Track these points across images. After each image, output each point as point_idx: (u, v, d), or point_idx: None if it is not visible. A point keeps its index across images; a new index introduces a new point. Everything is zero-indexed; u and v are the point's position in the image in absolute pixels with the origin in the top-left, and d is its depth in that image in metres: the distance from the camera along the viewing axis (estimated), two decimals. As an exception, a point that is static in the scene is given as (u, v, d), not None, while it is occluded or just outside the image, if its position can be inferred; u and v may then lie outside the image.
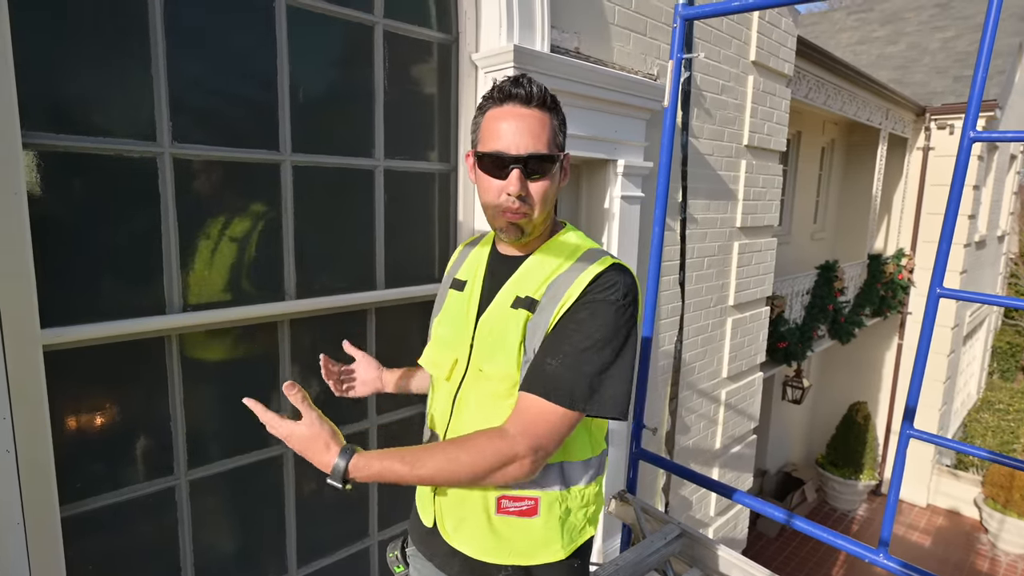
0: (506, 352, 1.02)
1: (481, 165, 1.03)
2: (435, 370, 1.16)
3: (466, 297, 1.14)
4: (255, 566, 1.86)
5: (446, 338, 1.14)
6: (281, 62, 1.68)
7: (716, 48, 3.11)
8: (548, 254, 1.09)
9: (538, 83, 1.02)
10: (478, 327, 1.09)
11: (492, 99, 1.03)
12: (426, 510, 1.17)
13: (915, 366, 1.58)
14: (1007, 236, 12.35)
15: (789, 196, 7.50)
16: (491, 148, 1.00)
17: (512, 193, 0.99)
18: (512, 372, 1.02)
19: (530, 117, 1.00)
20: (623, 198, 2.57)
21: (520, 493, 1.04)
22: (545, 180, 1.02)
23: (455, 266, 1.25)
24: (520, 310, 1.04)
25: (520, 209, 1.01)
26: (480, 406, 1.06)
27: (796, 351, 5.62)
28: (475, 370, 1.07)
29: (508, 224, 1.03)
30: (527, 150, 0.99)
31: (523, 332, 1.02)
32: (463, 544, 1.09)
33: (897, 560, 1.62)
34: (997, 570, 7.43)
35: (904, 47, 9.32)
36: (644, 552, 1.86)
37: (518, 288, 1.07)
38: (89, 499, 1.50)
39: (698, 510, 3.75)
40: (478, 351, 1.07)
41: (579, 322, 0.98)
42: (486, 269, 1.15)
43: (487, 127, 1.03)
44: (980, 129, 1.43)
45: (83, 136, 1.38)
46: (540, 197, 1.02)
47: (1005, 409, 10.02)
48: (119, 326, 1.46)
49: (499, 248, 1.16)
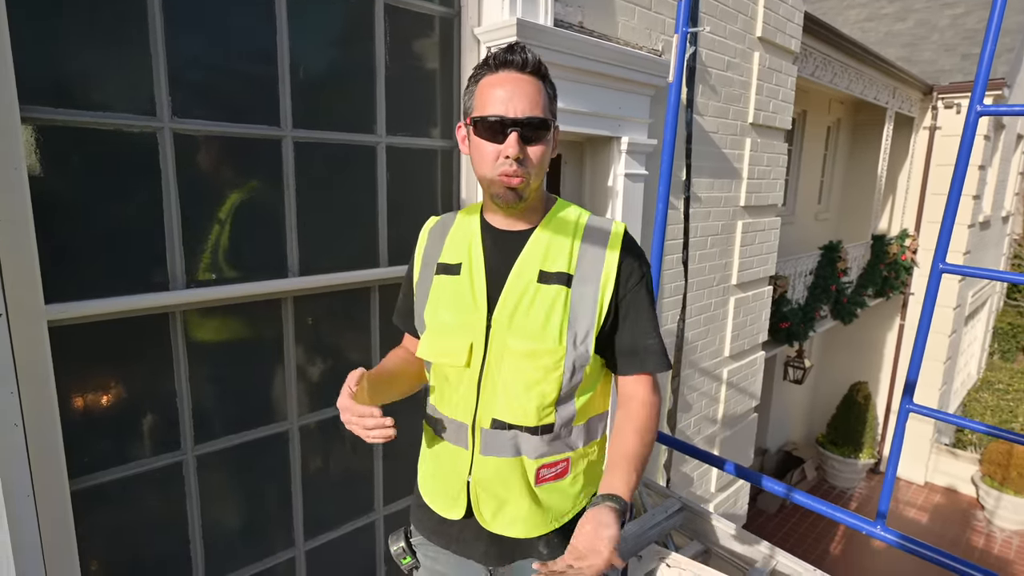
0: (550, 327, 1.03)
1: (476, 131, 1.02)
2: (447, 359, 1.09)
3: (466, 279, 1.10)
4: (262, 540, 1.89)
5: (452, 324, 1.09)
6: (281, 36, 1.66)
7: (722, 23, 3.06)
8: (556, 226, 1.09)
9: (532, 51, 1.02)
10: (499, 306, 1.06)
11: (487, 67, 1.03)
12: (448, 504, 1.13)
13: (916, 341, 1.58)
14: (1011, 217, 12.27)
15: (794, 175, 7.44)
16: (488, 112, 1.00)
17: (511, 155, 0.99)
18: (557, 346, 1.02)
19: (526, 82, 1.00)
20: (627, 176, 2.55)
21: (555, 458, 1.08)
22: (541, 145, 1.02)
23: (431, 251, 1.19)
24: (554, 285, 1.04)
25: (517, 172, 1.00)
26: (520, 384, 1.04)
27: (798, 331, 5.63)
28: (502, 350, 1.04)
29: (506, 189, 1.02)
30: (524, 113, 0.99)
31: (566, 306, 1.04)
32: (507, 527, 1.08)
33: (894, 532, 1.63)
34: (992, 546, 7.53)
35: (913, 24, 9.17)
36: (646, 525, 1.89)
37: (540, 263, 1.06)
38: (98, 473, 1.52)
39: (699, 486, 3.79)
40: (505, 330, 1.04)
41: (645, 299, 1.09)
42: (484, 247, 1.12)
43: (482, 94, 1.02)
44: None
45: (82, 111, 1.37)
46: (538, 161, 1.02)
47: (1005, 389, 10.07)
48: (123, 302, 1.47)
49: (493, 223, 1.13)
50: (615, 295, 1.06)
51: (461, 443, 1.11)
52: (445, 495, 1.14)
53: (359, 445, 2.07)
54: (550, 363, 1.03)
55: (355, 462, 2.09)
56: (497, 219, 1.12)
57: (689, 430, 3.55)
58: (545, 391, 1.04)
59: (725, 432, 3.93)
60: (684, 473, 3.61)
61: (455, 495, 1.12)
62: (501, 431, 1.06)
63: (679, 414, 3.39)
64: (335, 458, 2.03)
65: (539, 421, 1.05)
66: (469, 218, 1.17)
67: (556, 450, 1.08)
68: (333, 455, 2.02)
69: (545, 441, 1.06)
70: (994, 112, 1.42)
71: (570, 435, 1.09)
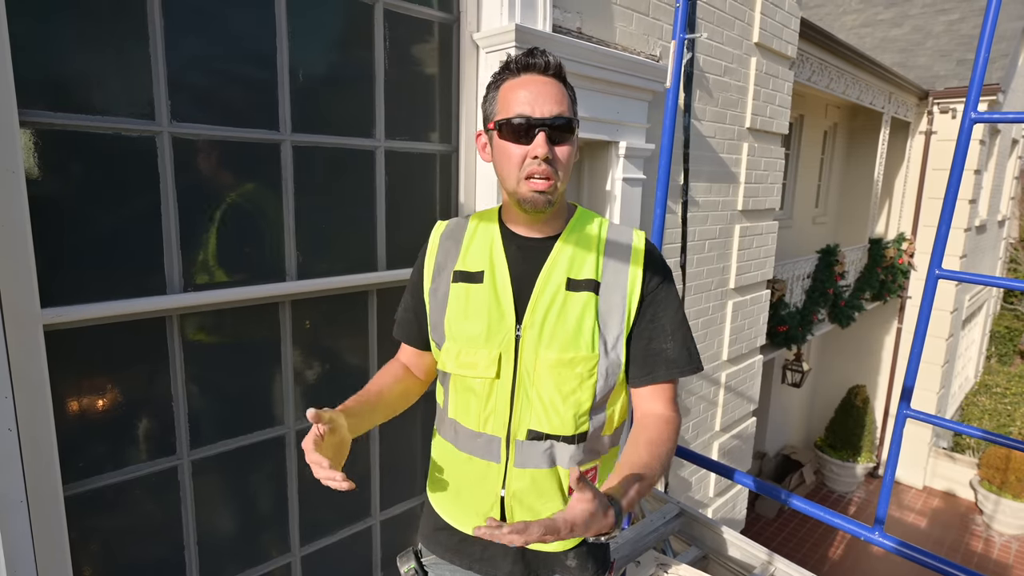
0: (583, 334, 1.02)
1: (501, 134, 1.00)
2: (475, 371, 1.05)
3: (490, 287, 1.06)
4: (258, 545, 1.88)
5: (478, 335, 1.05)
6: (281, 41, 1.66)
7: (719, 29, 3.07)
8: (579, 234, 1.09)
9: (552, 54, 1.01)
10: (527, 315, 1.03)
11: (508, 71, 1.02)
12: (478, 520, 1.09)
13: (913, 346, 1.58)
14: (1007, 221, 12.33)
15: (791, 180, 7.47)
16: (514, 114, 0.98)
17: (540, 155, 0.97)
18: (591, 354, 1.02)
19: (550, 84, 1.00)
20: (625, 180, 2.56)
21: (587, 466, 1.08)
22: (568, 146, 1.01)
23: (444, 257, 1.14)
24: (583, 292, 1.04)
25: (546, 173, 0.98)
26: (557, 394, 1.02)
27: (796, 335, 5.64)
28: (534, 360, 1.02)
29: (535, 194, 0.99)
30: (551, 114, 0.98)
31: (596, 313, 1.03)
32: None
33: (892, 538, 1.63)
34: (991, 550, 7.53)
35: (908, 30, 9.22)
36: (643, 530, 1.88)
37: (568, 270, 1.05)
38: (92, 478, 1.51)
39: (697, 491, 3.78)
40: (536, 340, 1.02)
41: (664, 300, 1.08)
42: (507, 254, 1.08)
43: (505, 97, 1.01)
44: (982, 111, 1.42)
45: (80, 114, 1.37)
46: (565, 162, 1.01)
47: (1002, 393, 10.09)
48: (119, 306, 1.46)
49: (516, 230, 1.10)
50: (641, 301, 1.06)
51: (492, 457, 1.07)
52: (475, 512, 1.10)
53: (357, 451, 2.06)
54: (584, 371, 1.02)
55: (352, 468, 2.08)
56: (520, 226, 1.09)
57: (687, 434, 3.55)
58: (581, 399, 1.03)
59: (723, 436, 3.92)
60: (682, 478, 3.61)
61: (487, 511, 1.08)
62: (537, 442, 1.04)
63: (677, 418, 3.38)
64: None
65: (576, 430, 1.04)
66: (488, 225, 1.13)
67: (588, 458, 1.08)
68: (330, 460, 2.01)
69: (580, 449, 1.06)
70: (988, 119, 1.42)
71: (599, 442, 1.09)
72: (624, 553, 1.82)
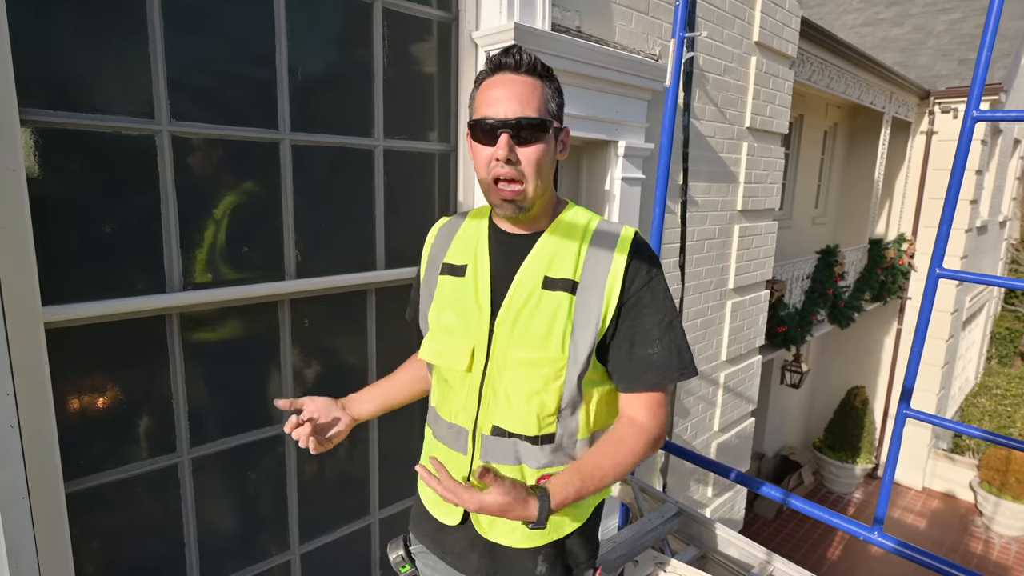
0: (553, 336, 0.99)
1: (473, 135, 1.01)
2: (447, 362, 1.07)
3: (471, 281, 1.08)
4: (257, 543, 1.88)
5: (454, 327, 1.07)
6: (280, 40, 1.66)
7: (719, 28, 3.07)
8: (564, 231, 1.07)
9: (529, 52, 1.00)
10: (502, 311, 1.03)
11: (485, 71, 1.02)
12: (447, 508, 1.12)
13: (913, 346, 1.59)
14: (1009, 222, 12.31)
15: (791, 180, 7.47)
16: (482, 115, 0.99)
17: (500, 158, 0.96)
18: (559, 355, 0.99)
19: (519, 83, 0.98)
20: (624, 180, 2.56)
21: (557, 469, 1.03)
22: (536, 146, 0.98)
23: (437, 250, 1.17)
24: (559, 292, 1.01)
25: (509, 175, 0.98)
26: (521, 393, 1.01)
27: (795, 335, 5.64)
28: (504, 357, 1.02)
29: (503, 200, 1.00)
30: (515, 115, 0.96)
31: (569, 314, 1.00)
32: (504, 535, 1.06)
33: (892, 538, 1.63)
34: (991, 552, 7.53)
35: (909, 29, 9.22)
36: (642, 530, 1.89)
37: (545, 269, 1.03)
38: (93, 475, 1.52)
39: (696, 491, 3.79)
40: (508, 337, 1.02)
41: (650, 304, 1.02)
42: (490, 250, 1.10)
43: (479, 98, 1.01)
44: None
45: (81, 113, 1.37)
46: (532, 164, 0.98)
47: (1002, 394, 10.09)
48: (120, 304, 1.46)
49: (501, 226, 1.11)
50: (620, 303, 1.01)
51: (460, 448, 1.09)
52: (439, 500, 1.13)
53: (355, 448, 2.06)
54: (550, 373, 1.00)
55: (351, 466, 2.08)
56: (505, 223, 1.10)
57: (686, 435, 3.55)
58: (545, 401, 1.01)
59: (722, 437, 3.93)
60: (681, 478, 3.61)
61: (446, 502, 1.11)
62: (502, 438, 1.04)
63: (675, 419, 3.39)
64: (331, 461, 2.03)
65: (540, 431, 1.02)
66: (478, 221, 1.15)
67: (558, 461, 1.05)
68: (329, 458, 2.02)
69: (547, 451, 1.04)
70: (990, 118, 1.43)
71: (574, 447, 1.06)
72: (622, 552, 1.82)
